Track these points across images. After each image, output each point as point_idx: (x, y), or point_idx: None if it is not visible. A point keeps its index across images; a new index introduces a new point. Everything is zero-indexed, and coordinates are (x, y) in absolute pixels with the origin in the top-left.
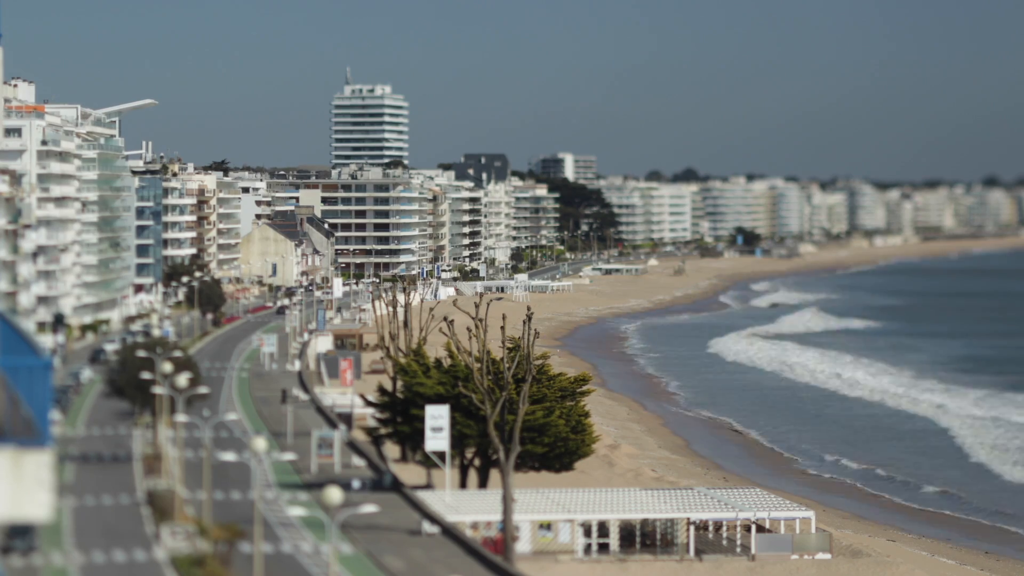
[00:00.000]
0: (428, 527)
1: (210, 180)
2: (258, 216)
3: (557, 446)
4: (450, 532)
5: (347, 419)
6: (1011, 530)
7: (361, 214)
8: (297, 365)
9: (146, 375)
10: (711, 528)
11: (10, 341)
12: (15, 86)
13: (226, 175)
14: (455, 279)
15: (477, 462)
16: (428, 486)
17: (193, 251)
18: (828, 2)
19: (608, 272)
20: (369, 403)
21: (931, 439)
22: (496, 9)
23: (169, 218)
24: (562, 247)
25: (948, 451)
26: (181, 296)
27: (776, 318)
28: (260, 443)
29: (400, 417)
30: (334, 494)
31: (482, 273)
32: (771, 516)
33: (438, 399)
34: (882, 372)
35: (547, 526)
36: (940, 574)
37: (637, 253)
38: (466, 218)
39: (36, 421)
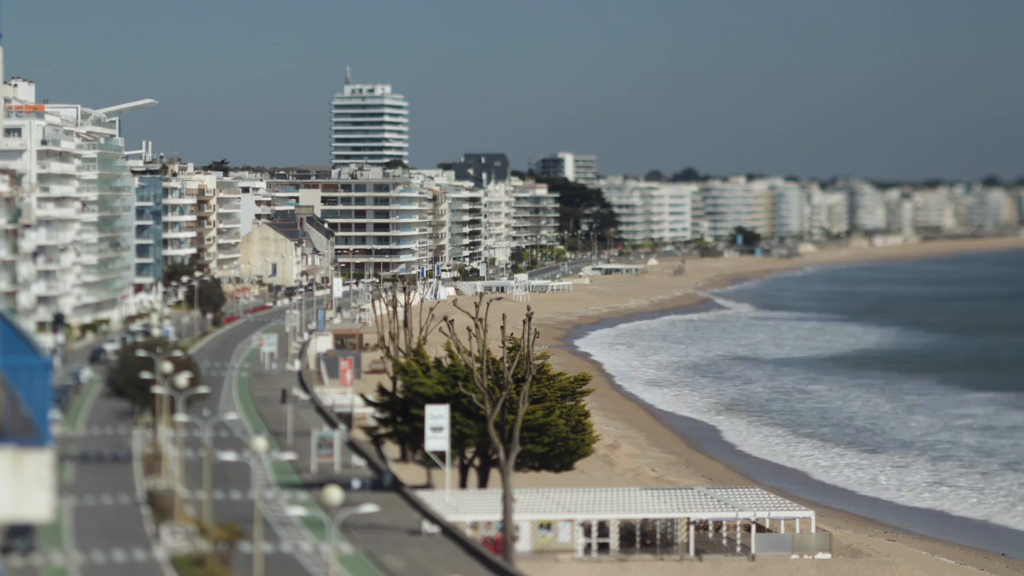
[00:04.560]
0: (428, 527)
1: (210, 180)
2: (258, 216)
3: (557, 446)
4: (450, 532)
5: (347, 419)
6: (1011, 530)
7: (361, 214)
8: (297, 365)
9: (146, 375)
10: (711, 528)
11: (10, 341)
12: (15, 86)
13: (226, 175)
14: (455, 279)
15: (477, 462)
16: (428, 486)
17: (193, 251)
18: (828, 3)
19: (608, 272)
20: (369, 403)
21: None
22: (496, 10)
23: (169, 218)
24: (562, 247)
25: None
26: (181, 296)
27: None
28: (260, 443)
29: (400, 417)
30: (334, 494)
31: (482, 273)
32: (771, 516)
33: (438, 399)
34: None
35: (547, 526)
36: (940, 574)
37: (637, 253)
38: (466, 218)
39: (36, 421)
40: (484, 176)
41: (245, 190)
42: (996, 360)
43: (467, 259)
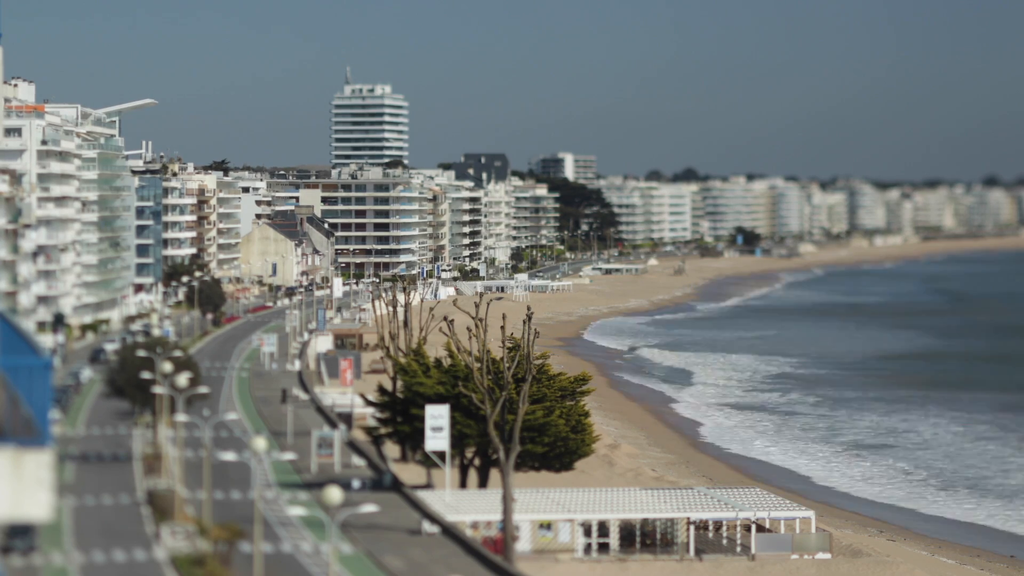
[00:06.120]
0: (428, 527)
1: (210, 180)
2: (258, 216)
3: (557, 446)
4: (450, 532)
5: (347, 419)
6: (1011, 533)
7: (361, 214)
8: (297, 365)
9: (146, 375)
10: (711, 528)
11: (10, 341)
12: (15, 86)
13: (226, 175)
14: (455, 279)
15: (477, 462)
16: (428, 486)
17: (193, 251)
18: (828, 3)
19: (608, 272)
20: (369, 403)
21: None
22: (496, 10)
23: (169, 218)
24: (562, 247)
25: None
26: (181, 296)
27: None
28: (260, 443)
29: (400, 417)
30: (334, 494)
31: (482, 273)
32: (771, 516)
33: (438, 399)
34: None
35: (547, 526)
36: (940, 574)
37: (637, 253)
38: (466, 218)
39: (36, 421)
40: (484, 176)
41: (245, 190)
42: None
43: (467, 259)
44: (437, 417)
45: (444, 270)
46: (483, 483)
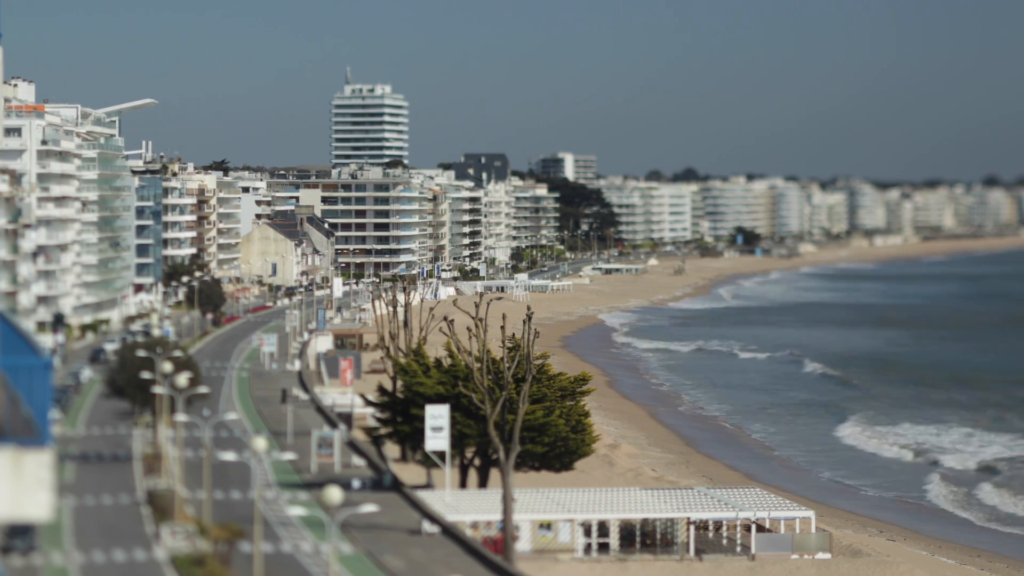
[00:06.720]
0: (428, 527)
1: (210, 180)
2: (258, 216)
3: (557, 446)
4: (450, 532)
5: (347, 419)
6: (1010, 532)
7: (361, 214)
8: (297, 365)
9: (146, 375)
10: (711, 528)
11: (10, 341)
12: (15, 86)
13: (226, 175)
14: (455, 279)
15: (477, 462)
16: (428, 486)
17: (193, 251)
18: (829, 3)
19: (608, 272)
20: (369, 403)
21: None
22: (496, 10)
23: (169, 218)
24: (562, 247)
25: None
26: (181, 296)
27: None
28: (260, 443)
29: (400, 417)
30: (334, 494)
31: (482, 273)
32: (771, 516)
33: (438, 399)
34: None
35: (547, 526)
36: (940, 574)
37: (637, 253)
38: (466, 218)
39: (36, 421)
40: (484, 176)
41: (245, 190)
42: None
43: (467, 259)
44: (437, 417)
45: (444, 270)
46: (483, 483)
